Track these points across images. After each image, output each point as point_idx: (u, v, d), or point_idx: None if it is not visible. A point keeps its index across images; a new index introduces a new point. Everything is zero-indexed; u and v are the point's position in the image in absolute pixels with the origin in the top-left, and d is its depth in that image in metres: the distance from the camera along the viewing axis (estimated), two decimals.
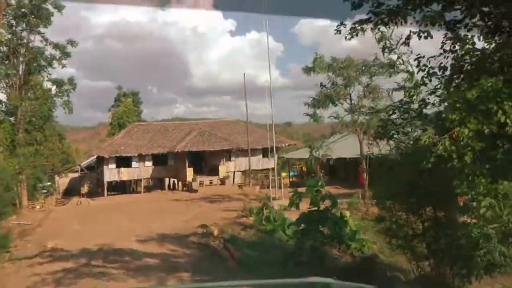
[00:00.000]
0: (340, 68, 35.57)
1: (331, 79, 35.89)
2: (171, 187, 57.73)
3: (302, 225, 19.94)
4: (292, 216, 24.05)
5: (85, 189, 58.22)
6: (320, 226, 19.31)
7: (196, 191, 50.35)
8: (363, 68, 35.21)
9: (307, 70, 35.79)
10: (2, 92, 42.67)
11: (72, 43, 43.31)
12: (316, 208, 19.29)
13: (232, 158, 56.80)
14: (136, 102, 71.26)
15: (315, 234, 18.98)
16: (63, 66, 44.07)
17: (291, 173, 66.73)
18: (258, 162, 56.60)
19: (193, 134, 54.20)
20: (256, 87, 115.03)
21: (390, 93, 28.89)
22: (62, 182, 60.87)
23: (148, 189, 56.11)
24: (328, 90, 35.66)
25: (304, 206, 20.55)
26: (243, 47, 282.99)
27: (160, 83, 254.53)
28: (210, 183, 53.95)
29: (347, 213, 23.49)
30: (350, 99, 36.13)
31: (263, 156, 56.91)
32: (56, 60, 43.69)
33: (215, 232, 26.62)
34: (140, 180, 55.34)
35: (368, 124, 35.73)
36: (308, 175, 62.85)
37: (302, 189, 22.69)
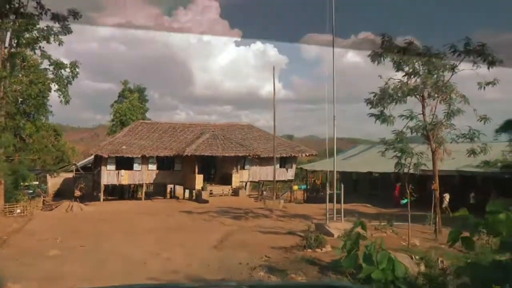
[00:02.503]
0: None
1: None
2: (173, 194, 46.34)
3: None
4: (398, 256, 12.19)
5: (79, 191, 47.30)
6: None
7: (206, 201, 38.95)
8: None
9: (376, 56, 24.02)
10: None
11: (75, 14, 31.24)
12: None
13: (246, 167, 45.12)
14: (142, 99, 59.04)
15: None
16: (61, 42, 32.13)
17: (302, 186, 56.09)
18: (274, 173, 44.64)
19: (205, 137, 42.79)
20: (259, 98, 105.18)
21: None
22: (54, 182, 49.78)
23: (148, 195, 44.57)
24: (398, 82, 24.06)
25: None
26: (248, 57, 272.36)
27: (162, 89, 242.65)
28: (222, 193, 42.05)
29: None
30: (422, 95, 24.39)
31: (281, 166, 45.48)
32: (54, 35, 31.79)
33: None
34: (142, 185, 43.84)
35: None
36: (323, 189, 52.45)
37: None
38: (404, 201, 21.71)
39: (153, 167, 42.87)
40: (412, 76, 23.86)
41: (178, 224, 26.09)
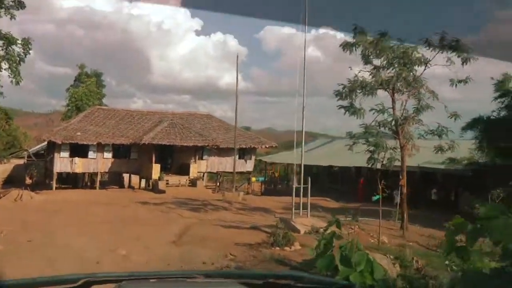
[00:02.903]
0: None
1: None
2: (129, 184, 43.88)
3: None
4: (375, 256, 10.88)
5: (30, 179, 44.41)
6: None
7: (163, 191, 37.44)
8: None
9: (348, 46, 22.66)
10: None
11: None
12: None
13: (205, 157, 43.46)
14: (99, 85, 56.43)
15: None
16: (13, 16, 29.75)
17: (260, 178, 55.01)
18: (233, 164, 43.09)
19: (163, 125, 41.15)
20: (218, 88, 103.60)
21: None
22: (4, 169, 46.77)
23: (103, 185, 42.16)
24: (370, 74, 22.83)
25: None
26: (207, 47, 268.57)
27: (120, 76, 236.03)
28: (179, 183, 40.35)
29: None
30: (393, 89, 23.23)
31: (240, 158, 44.03)
32: (5, 8, 29.45)
33: None
34: (97, 173, 41.56)
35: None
36: (282, 182, 51.58)
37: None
38: (376, 197, 20.53)
39: (108, 155, 40.84)
40: (381, 70, 22.74)
41: (134, 216, 24.34)
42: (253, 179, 50.57)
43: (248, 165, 45.88)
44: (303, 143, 24.45)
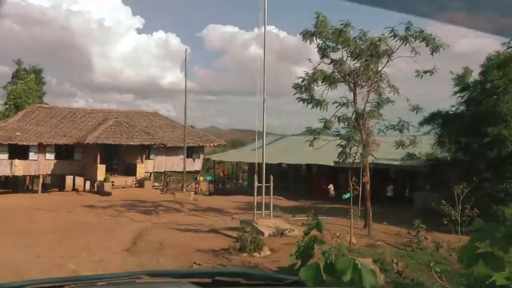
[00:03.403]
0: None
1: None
2: (73, 186, 41.34)
3: None
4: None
5: None
6: None
7: (109, 194, 35.25)
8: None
9: (308, 35, 21.20)
10: None
11: None
12: None
13: (151, 156, 41.33)
14: (39, 82, 52.97)
15: None
16: None
17: (208, 178, 53.49)
18: (181, 163, 41.12)
19: (108, 124, 38.83)
20: (160, 87, 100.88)
21: None
22: None
23: (45, 188, 39.22)
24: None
25: None
26: (149, 45, 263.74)
27: (60, 74, 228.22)
28: (125, 184, 38.15)
29: None
30: (354, 83, 21.91)
31: (188, 156, 42.06)
32: None
33: None
34: (38, 176, 38.72)
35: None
36: (230, 180, 50.18)
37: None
38: (347, 195, 19.18)
39: (51, 156, 38.04)
40: (340, 64, 21.39)
41: (81, 222, 22.02)
42: (201, 178, 48.83)
43: (196, 164, 43.99)
44: (264, 141, 22.84)
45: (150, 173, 41.73)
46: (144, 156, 40.22)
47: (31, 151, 37.02)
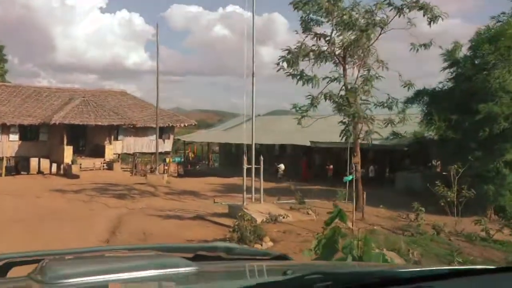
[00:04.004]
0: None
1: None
2: (38, 169, 38.68)
3: None
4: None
5: None
6: None
7: (77, 176, 33.36)
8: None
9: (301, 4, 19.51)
10: None
11: None
12: None
13: (120, 137, 39.12)
14: (0, 59, 49.78)
15: None
16: None
17: (177, 159, 51.45)
18: (150, 144, 39.17)
19: (75, 103, 36.75)
20: (125, 68, 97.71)
21: None
22: None
23: (9, 171, 36.95)
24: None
25: None
26: (113, 25, 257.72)
27: (22, 54, 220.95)
28: (94, 167, 35.95)
29: None
30: (344, 56, 20.37)
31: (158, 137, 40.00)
32: None
33: None
34: (2, 158, 36.37)
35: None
36: (200, 162, 48.48)
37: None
38: (349, 177, 17.62)
39: (15, 137, 35.92)
40: (326, 38, 19.83)
41: (51, 209, 20.03)
42: (169, 159, 46.90)
43: (166, 145, 41.98)
44: (253, 121, 21.19)
45: (119, 155, 39.59)
46: (112, 137, 38.17)
47: None
